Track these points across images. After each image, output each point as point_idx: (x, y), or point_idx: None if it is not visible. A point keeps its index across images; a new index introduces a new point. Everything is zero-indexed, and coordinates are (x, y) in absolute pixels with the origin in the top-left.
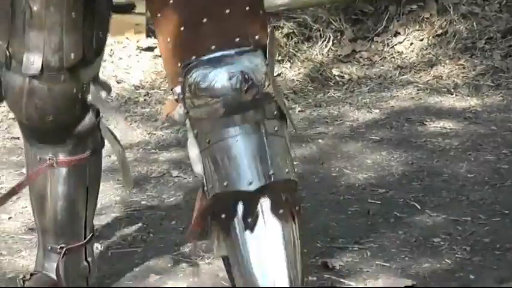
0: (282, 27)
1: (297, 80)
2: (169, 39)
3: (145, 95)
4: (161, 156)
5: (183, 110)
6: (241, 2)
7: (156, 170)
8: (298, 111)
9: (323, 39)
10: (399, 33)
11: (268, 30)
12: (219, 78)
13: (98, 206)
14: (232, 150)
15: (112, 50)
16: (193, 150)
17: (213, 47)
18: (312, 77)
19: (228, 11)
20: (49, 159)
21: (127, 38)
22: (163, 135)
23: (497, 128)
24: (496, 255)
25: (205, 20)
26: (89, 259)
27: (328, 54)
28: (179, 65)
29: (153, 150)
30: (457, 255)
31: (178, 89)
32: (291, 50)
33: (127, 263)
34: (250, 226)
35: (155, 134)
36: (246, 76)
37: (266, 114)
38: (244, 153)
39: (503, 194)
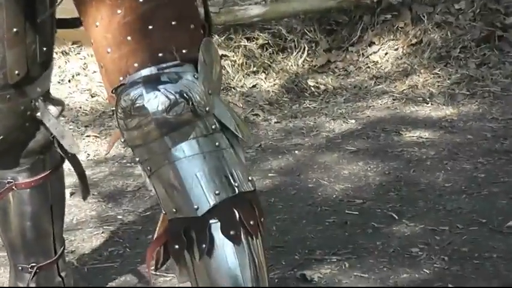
0: (257, 38)
1: (272, 91)
2: (102, 64)
3: None
4: (136, 169)
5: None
6: (166, 17)
7: (132, 183)
8: (274, 122)
9: (297, 49)
10: (374, 43)
11: (203, 41)
12: (151, 97)
13: (74, 221)
14: (172, 177)
15: (85, 63)
16: (143, 176)
17: (135, 64)
18: (287, 88)
19: (151, 27)
20: (8, 182)
21: None
22: None
23: (473, 136)
24: (475, 265)
25: (128, 38)
26: (63, 274)
27: (303, 65)
28: (110, 89)
29: (128, 164)
30: (435, 265)
31: None
32: (266, 61)
33: (104, 278)
34: (202, 253)
35: None
36: (183, 95)
37: (203, 131)
38: (185, 177)
39: (480, 203)
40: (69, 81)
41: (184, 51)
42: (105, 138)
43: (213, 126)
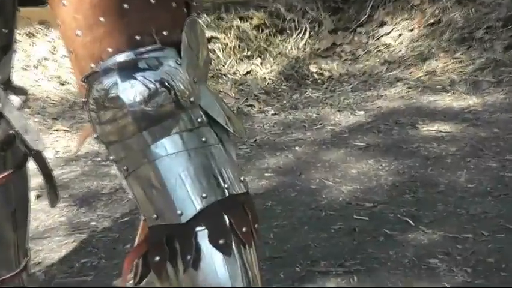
0: (251, 18)
1: (269, 79)
2: (71, 49)
3: None
4: (112, 169)
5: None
6: None
7: (107, 185)
8: (272, 114)
9: (298, 31)
10: (385, 23)
11: (187, 21)
12: (127, 87)
13: (41, 228)
14: (152, 178)
15: (54, 46)
16: (120, 177)
17: (109, 49)
18: (286, 75)
19: (126, 6)
20: None
21: None
22: None
23: (500, 130)
24: (502, 277)
25: (101, 18)
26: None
27: (304, 49)
28: (80, 77)
29: (103, 163)
30: (456, 278)
31: None
32: (261, 44)
33: None
34: (187, 265)
35: None
36: (164, 84)
37: (187, 125)
38: (167, 178)
39: (508, 206)
40: (35, 67)
41: (165, 33)
42: (76, 132)
43: (199, 119)
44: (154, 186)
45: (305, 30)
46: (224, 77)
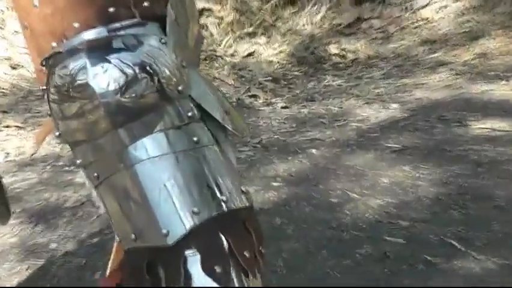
0: None
1: (277, 62)
2: (26, 24)
3: None
4: (79, 176)
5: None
6: None
7: (72, 197)
8: (281, 107)
9: (313, 1)
10: None
11: None
12: (99, 72)
13: None
14: (130, 188)
15: (2, 19)
16: (88, 185)
17: (76, 24)
18: (299, 58)
19: None
20: None
21: None
22: None
23: None
24: None
25: None
26: None
27: (321, 24)
28: (38, 59)
29: (67, 168)
30: None
31: None
32: (267, 19)
33: None
34: None
35: None
36: (146, 68)
37: (174, 120)
38: (149, 188)
39: None
40: None
41: (145, 4)
42: (32, 129)
43: (189, 114)
44: (132, 199)
45: (322, 0)
46: (220, 59)
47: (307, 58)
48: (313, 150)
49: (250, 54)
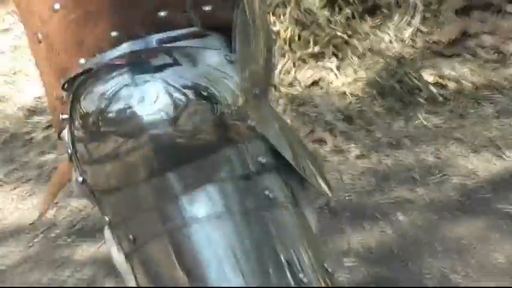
0: None
1: (351, 95)
2: (42, 33)
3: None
4: (79, 254)
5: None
6: None
7: (71, 277)
8: (355, 156)
9: (401, 10)
10: None
11: None
12: (149, 94)
13: None
14: (178, 258)
15: None
16: (115, 251)
17: (113, 33)
18: (381, 87)
19: None
20: None
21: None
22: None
23: None
24: None
25: None
26: None
27: (413, 41)
28: (57, 80)
29: (64, 241)
30: None
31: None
32: (337, 33)
33: None
34: None
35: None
36: (202, 92)
37: (241, 166)
38: (204, 261)
39: None
40: None
41: (207, 8)
42: (16, 187)
43: (262, 159)
44: (181, 274)
45: (414, 9)
46: (274, 90)
47: (393, 88)
48: (400, 217)
49: (315, 83)
